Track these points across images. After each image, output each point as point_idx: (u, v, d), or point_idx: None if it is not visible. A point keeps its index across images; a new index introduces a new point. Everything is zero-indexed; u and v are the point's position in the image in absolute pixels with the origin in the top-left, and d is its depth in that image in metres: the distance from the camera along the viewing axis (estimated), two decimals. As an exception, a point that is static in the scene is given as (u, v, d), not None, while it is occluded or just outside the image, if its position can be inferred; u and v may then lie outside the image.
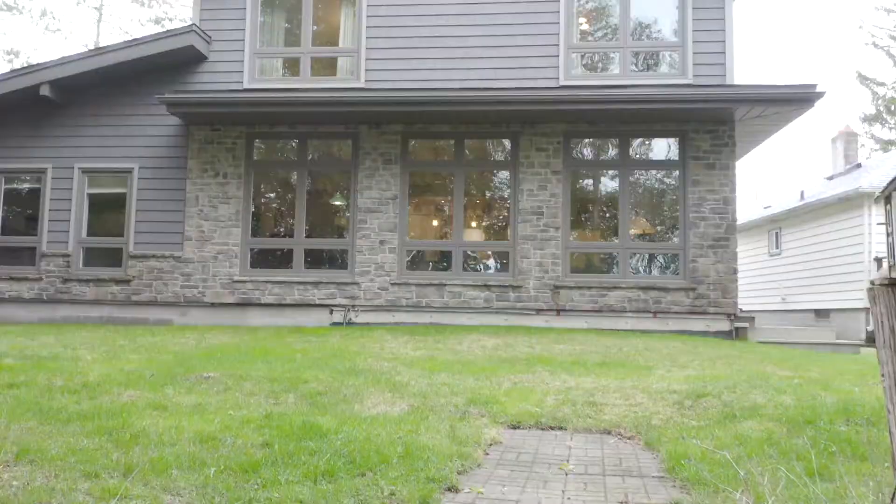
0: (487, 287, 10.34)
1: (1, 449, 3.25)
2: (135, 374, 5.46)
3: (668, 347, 8.06)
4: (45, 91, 10.82)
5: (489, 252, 11.02)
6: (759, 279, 19.41)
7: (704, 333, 9.90)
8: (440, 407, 4.75)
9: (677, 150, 10.58)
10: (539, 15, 10.87)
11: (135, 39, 11.30)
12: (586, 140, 10.99)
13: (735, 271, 10.15)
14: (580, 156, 11.05)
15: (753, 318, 10.40)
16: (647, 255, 10.82)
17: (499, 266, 10.77)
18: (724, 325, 10.06)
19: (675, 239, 10.51)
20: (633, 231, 10.71)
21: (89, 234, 11.12)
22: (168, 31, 11.66)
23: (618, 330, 9.92)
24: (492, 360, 6.88)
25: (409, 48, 11.01)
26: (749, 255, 19.40)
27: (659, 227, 10.94)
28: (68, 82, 11.04)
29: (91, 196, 11.20)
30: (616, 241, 10.60)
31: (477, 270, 10.92)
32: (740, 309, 10.45)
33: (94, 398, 4.59)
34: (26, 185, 11.48)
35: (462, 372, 6.00)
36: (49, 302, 10.89)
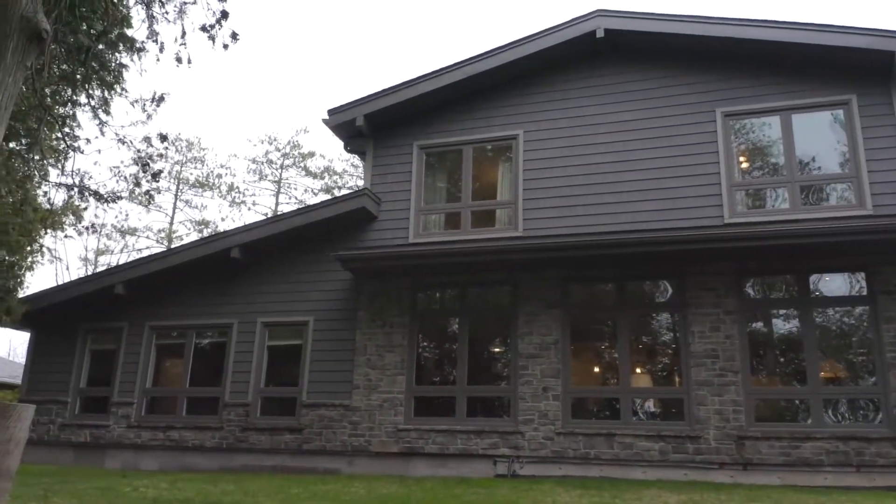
0: (661, 438, 9.68)
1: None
2: (315, 522, 5.48)
3: (885, 508, 7.02)
4: (235, 254, 11.99)
5: (660, 399, 10.43)
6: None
7: (922, 491, 8.58)
8: (634, 568, 4.32)
9: (864, 285, 9.78)
10: (696, 156, 10.85)
11: (315, 204, 12.44)
12: (760, 278, 10.44)
13: (953, 419, 8.89)
14: (755, 294, 10.46)
15: (983, 474, 8.91)
16: (840, 401, 9.76)
17: (671, 414, 10.12)
18: (947, 482, 8.69)
19: (871, 382, 9.47)
20: (821, 374, 9.77)
21: (267, 384, 11.77)
22: (344, 195, 12.78)
23: (816, 487, 8.82)
24: (679, 517, 6.29)
25: (564, 196, 11.27)
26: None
27: (849, 370, 9.93)
28: (252, 245, 12.17)
29: (270, 348, 11.96)
30: (804, 385, 9.69)
31: (647, 419, 10.30)
32: (962, 463, 9.02)
33: (282, 545, 4.61)
34: (214, 340, 12.48)
35: (650, 529, 5.50)
36: (227, 450, 11.42)
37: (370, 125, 12.44)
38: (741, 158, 11.12)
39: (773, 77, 10.93)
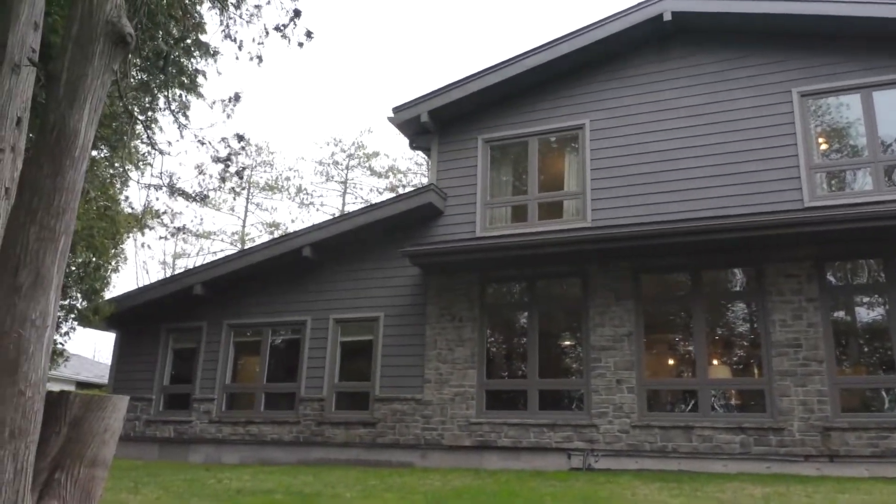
0: (742, 430, 9.40)
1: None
2: (394, 511, 5.55)
3: None
4: (306, 252, 12.24)
5: (740, 390, 10.13)
6: None
7: None
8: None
9: (959, 268, 9.26)
10: (772, 139, 10.48)
11: (382, 202, 12.60)
12: (843, 263, 10.00)
13: None
14: (838, 280, 10.04)
15: None
16: (934, 391, 9.27)
17: (751, 406, 9.81)
18: None
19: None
20: (912, 363, 9.30)
21: (341, 379, 11.98)
22: (410, 192, 12.89)
23: (909, 479, 8.42)
24: (765, 509, 6.10)
25: (634, 185, 11.07)
26: None
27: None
28: (323, 244, 12.38)
29: (343, 344, 12.17)
30: (892, 374, 9.23)
31: (727, 411, 10.01)
32: None
33: (364, 532, 4.69)
34: (288, 337, 12.78)
35: (736, 521, 5.35)
36: (304, 444, 11.68)
37: (434, 121, 12.49)
38: (820, 139, 10.68)
39: (852, 54, 10.46)
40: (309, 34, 7.32)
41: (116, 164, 10.56)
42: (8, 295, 3.68)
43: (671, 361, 10.87)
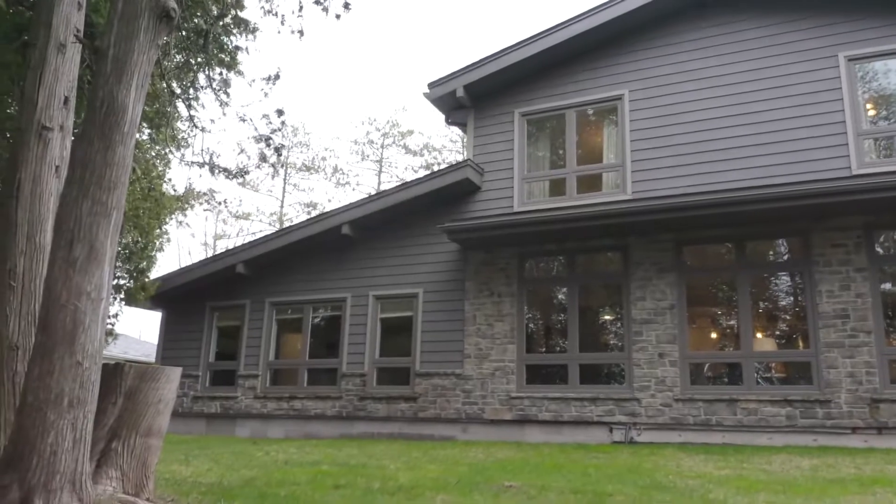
0: (788, 402, 9.26)
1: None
2: (440, 480, 5.62)
3: None
4: (345, 230, 12.34)
5: (785, 363, 9.97)
6: None
7: None
8: (772, 526, 4.17)
9: None
10: (818, 105, 10.19)
11: (420, 178, 12.58)
12: (892, 232, 9.71)
13: None
14: (887, 250, 9.77)
15: None
16: None
17: (797, 378, 9.65)
18: None
19: None
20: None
21: (381, 354, 12.11)
22: (447, 168, 12.85)
23: (964, 453, 8.21)
24: (814, 480, 6.01)
25: (675, 155, 10.88)
26: None
27: None
28: (361, 221, 12.46)
29: (383, 320, 12.27)
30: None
31: (772, 383, 9.87)
32: None
33: (412, 500, 4.76)
34: (329, 314, 12.93)
35: (785, 492, 5.29)
36: (347, 418, 11.86)
37: (470, 96, 12.41)
38: (868, 105, 10.35)
39: (901, 15, 10.08)
40: (346, 5, 7.33)
41: (158, 147, 10.73)
42: (63, 268, 3.79)
43: (714, 334, 10.74)
